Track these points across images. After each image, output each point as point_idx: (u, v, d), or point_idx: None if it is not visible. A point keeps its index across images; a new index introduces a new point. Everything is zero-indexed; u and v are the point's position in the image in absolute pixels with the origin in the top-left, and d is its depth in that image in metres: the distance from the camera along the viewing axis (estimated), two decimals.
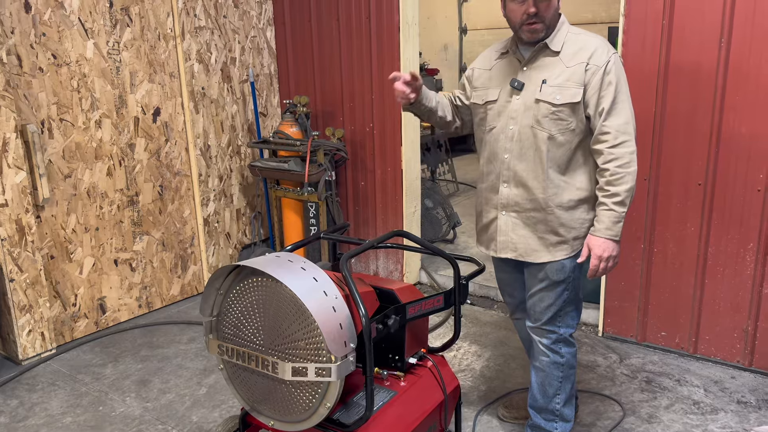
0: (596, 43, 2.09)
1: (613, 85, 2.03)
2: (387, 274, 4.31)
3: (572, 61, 2.08)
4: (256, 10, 4.36)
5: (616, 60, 2.07)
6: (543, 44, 2.11)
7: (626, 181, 2.03)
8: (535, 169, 2.15)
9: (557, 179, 2.14)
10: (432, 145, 6.04)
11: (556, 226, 2.17)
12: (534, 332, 2.33)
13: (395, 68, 3.90)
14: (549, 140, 2.10)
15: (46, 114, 3.29)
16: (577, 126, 2.09)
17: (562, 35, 2.12)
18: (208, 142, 4.18)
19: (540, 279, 2.25)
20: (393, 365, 2.16)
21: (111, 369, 3.26)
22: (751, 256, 2.94)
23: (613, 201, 2.05)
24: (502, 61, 2.25)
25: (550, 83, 2.09)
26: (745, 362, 3.05)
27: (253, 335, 1.86)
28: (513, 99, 2.16)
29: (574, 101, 2.06)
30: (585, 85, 2.05)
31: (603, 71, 2.04)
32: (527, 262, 2.25)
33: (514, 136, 2.16)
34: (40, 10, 3.19)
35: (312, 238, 2.30)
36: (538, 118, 2.10)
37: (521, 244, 2.24)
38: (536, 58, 2.14)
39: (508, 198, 2.23)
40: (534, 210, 2.19)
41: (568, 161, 2.13)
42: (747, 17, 2.74)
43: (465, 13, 9.49)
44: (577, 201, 2.16)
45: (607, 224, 2.06)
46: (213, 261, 4.32)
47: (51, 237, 3.39)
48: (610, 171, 2.04)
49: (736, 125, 2.85)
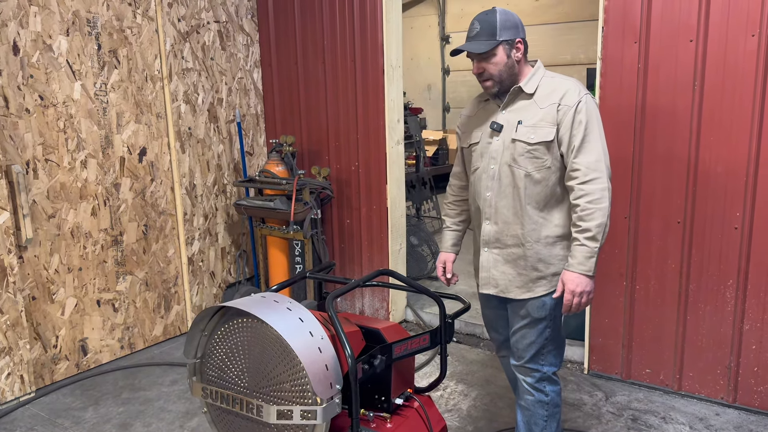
0: (568, 84, 2.18)
1: (584, 124, 2.10)
2: (373, 312, 4.30)
3: (545, 102, 2.17)
4: (243, 52, 4.44)
5: (587, 100, 2.14)
6: (518, 88, 2.21)
7: (596, 217, 2.07)
8: (514, 206, 2.22)
9: (535, 215, 2.20)
10: (417, 183, 6.10)
11: (534, 261, 2.23)
12: (518, 371, 2.35)
13: (380, 109, 3.98)
14: (526, 177, 2.18)
15: (31, 154, 3.29)
16: (552, 164, 2.17)
17: (537, 79, 2.22)
18: (194, 181, 4.19)
19: (522, 316, 2.29)
20: (379, 406, 2.14)
21: (92, 412, 3.19)
22: (731, 293, 2.98)
23: (584, 236, 2.09)
24: (485, 107, 2.35)
25: (525, 123, 2.17)
26: (729, 399, 3.07)
27: (238, 377, 1.84)
28: (493, 140, 2.26)
29: (548, 140, 2.14)
30: (558, 124, 2.13)
31: (574, 110, 2.11)
32: (508, 298, 2.30)
33: (494, 174, 2.25)
34: (28, 53, 3.23)
35: (297, 278, 2.31)
36: (515, 156, 2.19)
37: (502, 280, 2.30)
38: (513, 102, 2.24)
39: (489, 234, 2.30)
40: (514, 246, 2.25)
41: (546, 198, 2.20)
42: (718, 61, 2.85)
43: (448, 54, 9.70)
44: (555, 237, 2.22)
45: (580, 259, 2.10)
46: (197, 300, 4.29)
47: (33, 277, 3.36)
48: (581, 206, 2.09)
49: (712, 164, 2.93)
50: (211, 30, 4.19)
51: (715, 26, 2.83)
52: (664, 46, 2.97)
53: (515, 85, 2.21)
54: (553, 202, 2.21)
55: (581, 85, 2.20)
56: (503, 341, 2.51)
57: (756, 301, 2.93)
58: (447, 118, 10.05)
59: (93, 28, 3.51)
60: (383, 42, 3.90)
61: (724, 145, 2.89)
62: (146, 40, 3.79)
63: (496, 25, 2.14)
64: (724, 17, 2.80)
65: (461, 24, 9.54)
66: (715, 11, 2.82)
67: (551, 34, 7.87)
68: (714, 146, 2.92)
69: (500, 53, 2.17)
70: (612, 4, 3.06)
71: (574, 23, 7.85)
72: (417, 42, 9.86)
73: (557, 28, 7.94)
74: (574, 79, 2.24)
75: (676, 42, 2.93)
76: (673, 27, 2.93)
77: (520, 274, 2.26)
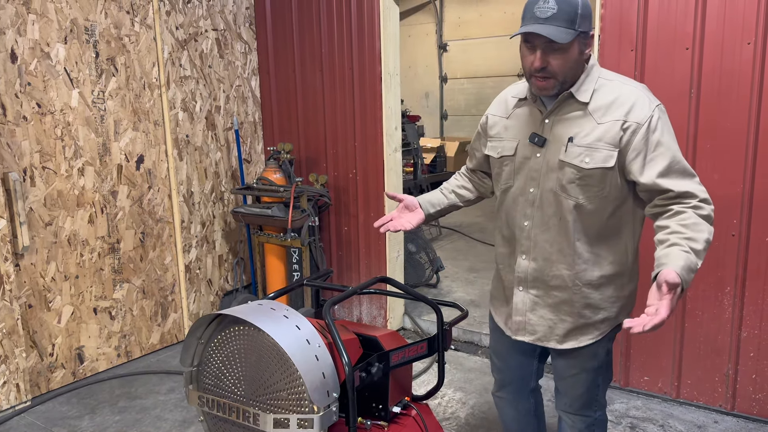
0: (635, 93, 1.75)
1: (664, 146, 1.70)
2: (370, 320, 4.29)
3: (605, 117, 1.73)
4: (241, 60, 4.45)
5: (661, 113, 1.74)
6: (568, 93, 1.77)
7: (705, 231, 1.63)
8: (559, 242, 1.83)
9: (586, 253, 1.83)
10: (414, 190, 6.11)
11: (581, 307, 1.87)
12: (565, 416, 2.09)
13: (377, 116, 3.99)
14: (576, 209, 1.79)
15: (28, 162, 3.29)
16: (609, 192, 1.76)
17: (591, 82, 1.77)
18: (192, 189, 4.19)
19: (570, 365, 1.98)
20: (376, 414, 2.13)
21: (88, 421, 3.17)
22: (729, 300, 2.98)
23: (692, 245, 1.59)
24: (520, 110, 1.91)
25: (577, 142, 1.75)
26: (727, 406, 3.06)
27: (234, 386, 1.84)
28: (533, 156, 1.84)
29: (606, 166, 1.72)
30: (622, 147, 1.71)
31: (646, 128, 1.69)
32: (548, 348, 1.98)
33: (535, 201, 1.85)
34: (26, 61, 3.23)
35: (295, 285, 2.30)
36: (562, 182, 1.78)
37: (541, 326, 1.94)
38: (561, 109, 1.80)
39: (526, 272, 1.91)
40: (558, 288, 1.88)
41: (598, 232, 1.82)
42: (715, 68, 2.86)
43: (445, 62, 9.76)
44: (610, 276, 1.86)
45: (682, 264, 1.54)
46: (194, 308, 4.27)
47: (30, 285, 3.35)
48: (688, 215, 1.64)
49: (709, 171, 2.93)
50: (209, 38, 4.20)
51: (711, 34, 2.85)
52: (660, 54, 2.98)
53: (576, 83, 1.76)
54: (608, 235, 1.83)
55: (648, 91, 1.79)
56: (506, 383, 2.21)
57: (753, 309, 2.93)
58: (444, 126, 10.08)
59: (91, 36, 3.52)
60: (381, 50, 3.91)
61: (721, 153, 2.90)
62: (144, 48, 3.80)
63: (578, 10, 1.65)
64: (720, 25, 2.82)
65: (459, 32, 9.59)
66: (711, 19, 2.84)
67: None
68: (710, 154, 2.92)
69: (575, 47, 1.69)
70: (608, 12, 3.07)
71: None
72: (415, 50, 9.90)
73: None
74: (638, 83, 1.82)
75: (672, 50, 2.95)
76: (670, 35, 2.94)
77: (562, 320, 1.90)
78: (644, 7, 2.97)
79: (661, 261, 1.59)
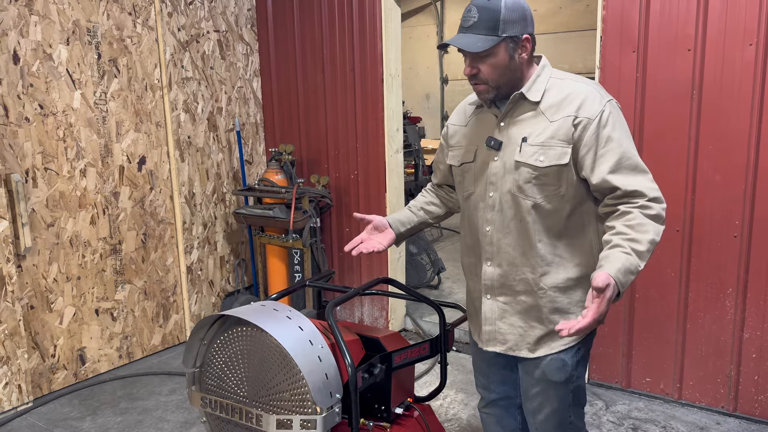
0: (586, 89, 1.73)
1: (615, 141, 1.67)
2: (372, 321, 4.29)
3: (557, 114, 1.72)
4: (242, 62, 4.46)
5: (612, 108, 1.71)
6: (519, 94, 1.76)
7: (650, 231, 1.61)
8: (521, 244, 1.78)
9: (549, 255, 1.77)
10: (415, 191, 6.11)
11: (549, 312, 1.80)
12: None
13: (379, 117, 3.99)
14: (534, 209, 1.75)
15: (30, 163, 3.29)
16: (567, 190, 1.74)
17: (543, 82, 1.77)
18: (193, 190, 4.19)
19: (537, 379, 1.87)
20: (379, 416, 2.13)
21: (89, 423, 3.17)
22: (731, 301, 2.98)
23: (632, 246, 1.58)
24: (477, 116, 1.90)
25: (531, 141, 1.73)
26: (729, 408, 3.06)
27: (237, 386, 1.84)
28: (491, 160, 1.81)
29: (561, 163, 1.70)
30: (575, 143, 1.69)
31: (597, 123, 1.68)
32: (519, 357, 1.89)
33: (495, 204, 1.81)
34: (28, 62, 3.24)
35: (297, 286, 2.30)
36: (519, 183, 1.76)
37: (511, 335, 1.86)
38: (514, 111, 1.79)
39: (492, 279, 1.86)
40: (524, 293, 1.82)
41: (559, 232, 1.77)
42: (716, 70, 2.86)
43: (446, 63, 9.76)
44: (576, 279, 1.80)
45: (619, 266, 1.54)
46: (195, 309, 4.27)
47: (32, 286, 3.35)
48: (634, 216, 1.62)
49: (711, 173, 2.93)
50: (210, 39, 4.21)
51: (712, 36, 2.85)
52: (662, 56, 2.98)
53: (516, 90, 1.76)
54: (571, 235, 1.78)
55: (600, 87, 1.79)
56: (492, 400, 2.12)
57: (755, 310, 2.93)
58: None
59: (93, 37, 3.52)
60: (382, 51, 3.91)
61: (723, 154, 2.90)
62: (146, 49, 3.80)
63: (500, 17, 1.67)
64: (722, 27, 2.82)
65: None
66: (713, 21, 2.84)
67: (548, 44, 7.91)
68: (712, 155, 2.92)
69: (501, 53, 1.71)
70: (610, 13, 3.07)
71: (572, 33, 7.89)
72: (416, 51, 9.90)
73: (555, 37, 7.98)
74: (590, 80, 1.82)
75: (674, 51, 2.95)
76: (671, 36, 2.94)
77: (532, 327, 1.83)
78: (646, 9, 2.98)
79: (601, 263, 1.59)
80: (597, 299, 1.50)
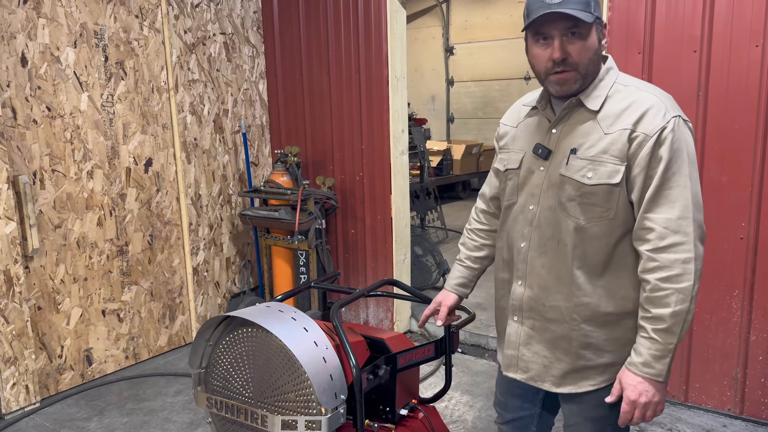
0: (650, 100, 1.49)
1: (664, 162, 1.44)
2: (377, 323, 4.29)
3: (614, 126, 1.49)
4: (248, 64, 4.47)
5: (676, 125, 1.46)
6: (576, 99, 1.55)
7: (672, 301, 1.42)
8: (557, 268, 1.59)
9: (586, 284, 1.57)
10: (421, 193, 6.11)
11: (579, 346, 1.61)
12: None
13: (384, 119, 4.00)
14: (576, 232, 1.55)
15: (38, 165, 3.32)
16: (618, 214, 1.51)
17: (605, 87, 1.54)
18: (199, 192, 4.21)
19: (571, 412, 1.71)
20: (383, 417, 2.14)
21: (96, 423, 3.19)
22: (737, 303, 2.97)
23: (654, 327, 1.45)
24: (530, 119, 1.70)
25: (580, 154, 1.52)
26: (736, 410, 3.05)
27: (242, 387, 1.84)
28: (537, 170, 1.62)
29: (612, 182, 1.49)
30: (629, 160, 1.47)
31: (654, 141, 1.44)
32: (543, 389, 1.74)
33: (533, 220, 1.63)
34: (36, 65, 3.26)
35: (303, 288, 2.31)
36: (561, 200, 1.56)
37: (534, 364, 1.69)
38: (568, 117, 1.58)
39: (520, 300, 1.69)
40: (555, 321, 1.63)
41: (605, 261, 1.55)
42: (722, 71, 2.85)
43: (452, 66, 9.77)
44: (618, 315, 1.57)
45: (646, 358, 1.45)
46: (201, 311, 4.29)
47: (39, 287, 3.37)
48: (651, 284, 1.45)
49: (717, 174, 2.93)
50: (217, 42, 4.23)
51: (718, 37, 2.84)
52: (667, 57, 2.98)
53: (590, 82, 1.54)
54: (619, 264, 1.55)
55: (669, 99, 1.53)
56: (508, 421, 1.99)
57: (762, 312, 2.92)
58: (451, 129, 10.08)
59: (100, 40, 3.55)
60: (388, 53, 3.92)
61: (729, 155, 2.89)
62: (153, 51, 3.83)
63: None
64: (728, 28, 2.81)
65: (465, 35, 9.60)
66: (719, 22, 2.83)
67: None
68: (719, 156, 2.91)
69: (593, 35, 1.47)
70: (616, 15, 3.07)
71: None
72: (421, 53, 9.92)
73: None
74: (659, 90, 1.56)
75: (679, 52, 2.94)
76: (677, 38, 2.94)
77: (559, 360, 1.64)
78: (651, 10, 2.97)
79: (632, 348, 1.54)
80: (633, 411, 1.50)
